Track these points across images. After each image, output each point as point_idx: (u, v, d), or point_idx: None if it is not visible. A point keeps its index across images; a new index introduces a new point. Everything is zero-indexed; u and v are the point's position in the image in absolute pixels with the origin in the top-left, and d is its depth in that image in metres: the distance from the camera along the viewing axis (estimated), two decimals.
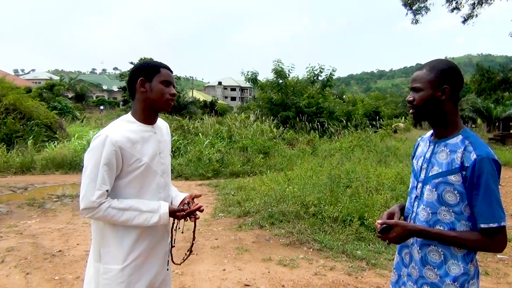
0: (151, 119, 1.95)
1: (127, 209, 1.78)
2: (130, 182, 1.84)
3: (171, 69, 1.97)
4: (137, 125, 1.91)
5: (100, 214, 1.76)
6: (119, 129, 1.84)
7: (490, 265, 4.62)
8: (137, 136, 1.87)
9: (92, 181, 1.75)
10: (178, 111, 30.14)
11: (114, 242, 1.84)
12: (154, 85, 1.88)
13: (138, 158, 1.84)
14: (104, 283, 1.84)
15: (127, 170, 1.83)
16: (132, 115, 1.94)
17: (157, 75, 1.88)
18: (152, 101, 1.89)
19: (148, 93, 1.88)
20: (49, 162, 11.24)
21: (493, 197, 1.51)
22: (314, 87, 22.46)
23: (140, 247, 1.86)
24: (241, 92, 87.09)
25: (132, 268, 1.84)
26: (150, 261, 1.91)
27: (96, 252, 1.88)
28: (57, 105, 27.03)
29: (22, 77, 69.68)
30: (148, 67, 1.90)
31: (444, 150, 1.65)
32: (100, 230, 1.87)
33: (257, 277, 4.09)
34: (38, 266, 4.35)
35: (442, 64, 1.66)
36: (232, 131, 15.33)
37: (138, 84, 1.88)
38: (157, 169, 1.92)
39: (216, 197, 8.18)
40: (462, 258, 1.60)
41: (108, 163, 1.75)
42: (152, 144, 1.92)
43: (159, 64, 1.93)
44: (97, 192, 1.74)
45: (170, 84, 1.92)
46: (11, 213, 6.75)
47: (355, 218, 5.42)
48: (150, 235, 1.90)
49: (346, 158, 10.90)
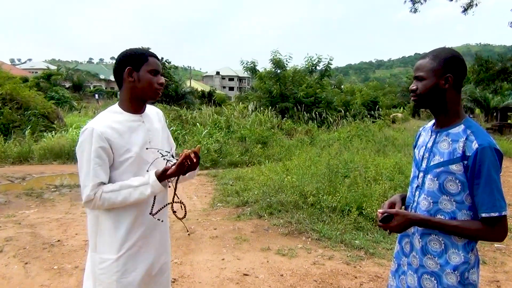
0: (138, 108, 1.92)
1: (118, 189, 1.77)
2: (122, 172, 1.83)
3: (158, 57, 1.92)
4: (125, 115, 1.88)
5: (99, 203, 1.76)
6: (105, 121, 1.82)
7: (487, 254, 4.64)
8: (124, 126, 1.85)
9: (86, 175, 1.76)
10: (176, 101, 30.06)
11: (109, 231, 1.83)
12: (142, 75, 1.84)
13: (127, 149, 1.82)
14: (99, 272, 1.84)
15: (118, 160, 1.81)
16: (119, 105, 1.91)
17: (145, 64, 1.84)
18: (140, 91, 1.86)
19: (136, 83, 1.85)
20: (47, 152, 11.20)
21: (494, 187, 1.51)
22: (312, 77, 22.40)
23: (135, 236, 1.85)
24: (239, 82, 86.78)
25: (127, 258, 1.84)
26: (146, 250, 1.90)
27: (92, 242, 1.88)
28: (55, 95, 26.93)
29: (19, 66, 69.16)
30: (136, 56, 1.85)
31: (446, 140, 1.64)
32: (95, 220, 1.87)
33: (256, 267, 4.11)
34: (37, 255, 4.35)
35: (446, 52, 1.65)
36: (230, 121, 15.30)
37: (126, 73, 1.84)
38: (147, 158, 1.89)
39: (215, 187, 8.18)
40: (462, 247, 1.60)
41: (98, 155, 1.75)
42: (141, 133, 1.89)
43: (147, 52, 1.88)
44: (91, 185, 1.74)
45: (158, 73, 1.88)
46: (9, 203, 6.73)
47: (354, 208, 5.43)
48: (144, 224, 1.89)
49: (344, 148, 10.91)
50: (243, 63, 22.32)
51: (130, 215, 1.84)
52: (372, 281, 3.80)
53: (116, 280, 1.82)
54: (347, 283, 3.76)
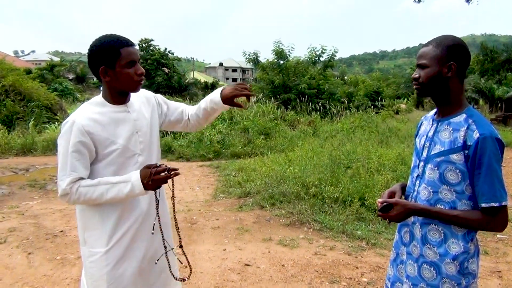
0: (122, 99, 1.85)
1: (96, 184, 1.72)
2: (107, 164, 1.78)
3: (131, 42, 1.77)
4: (108, 107, 1.81)
5: (74, 197, 1.72)
6: (87, 113, 1.75)
7: (489, 244, 4.63)
8: (108, 118, 1.78)
9: (62, 168, 1.71)
10: (179, 93, 30.05)
11: (96, 225, 1.80)
12: (119, 71, 1.72)
13: (112, 141, 1.76)
14: (89, 266, 1.82)
15: (102, 153, 1.76)
16: (103, 96, 1.83)
17: (119, 60, 1.71)
18: (120, 86, 1.78)
19: (113, 81, 1.75)
20: (50, 143, 11.22)
21: (495, 177, 1.49)
22: (316, 68, 22.27)
23: (123, 228, 1.81)
24: (242, 73, 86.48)
25: (116, 250, 1.80)
26: (136, 241, 1.85)
27: (81, 235, 1.85)
28: (58, 87, 26.93)
29: (22, 58, 69.17)
30: (106, 51, 1.71)
31: (447, 129, 1.62)
32: (82, 214, 1.84)
33: (258, 257, 4.12)
34: (40, 246, 4.38)
35: (449, 40, 1.61)
36: (233, 112, 15.27)
37: (101, 73, 1.73)
38: (135, 149, 1.84)
39: (217, 178, 8.20)
40: (462, 237, 1.59)
41: (77, 149, 1.69)
42: (127, 124, 1.82)
43: (118, 43, 1.72)
44: (67, 179, 1.70)
45: (134, 63, 1.75)
46: (13, 194, 6.78)
47: (356, 198, 5.42)
48: (132, 216, 1.84)
49: (347, 139, 10.87)
50: (246, 54, 22.22)
51: (118, 208, 1.80)
52: (373, 271, 3.80)
53: (107, 273, 1.79)
54: (348, 273, 3.76)
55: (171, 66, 34.80)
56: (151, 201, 1.89)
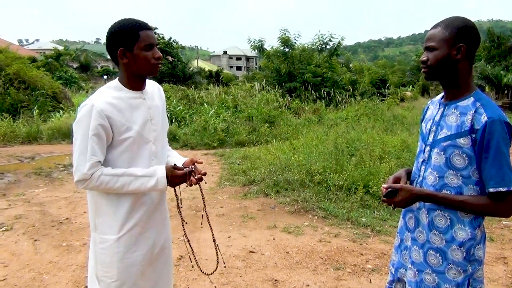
0: (139, 85, 1.84)
1: (120, 175, 1.72)
2: (122, 151, 1.77)
3: (150, 26, 1.78)
4: (125, 92, 1.80)
5: (94, 184, 1.70)
6: (105, 97, 1.74)
7: (495, 231, 4.61)
8: (125, 103, 1.77)
9: (82, 153, 1.69)
10: (183, 81, 29.91)
11: (108, 212, 1.79)
12: (136, 53, 1.72)
13: (128, 126, 1.75)
14: (100, 252, 1.82)
15: (118, 139, 1.75)
16: (119, 81, 1.82)
17: (137, 42, 1.71)
18: (137, 69, 1.77)
19: (131, 63, 1.75)
20: (55, 132, 11.28)
21: (503, 161, 1.46)
22: (321, 56, 22.11)
23: (135, 216, 1.81)
24: (246, 61, 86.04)
25: (127, 238, 1.80)
26: (147, 230, 1.86)
27: (92, 221, 1.85)
28: (63, 76, 26.93)
29: (26, 47, 68.99)
30: (125, 33, 1.71)
31: (454, 113, 1.58)
32: (94, 200, 1.83)
33: (262, 244, 4.12)
34: (46, 233, 4.41)
35: (458, 21, 1.56)
36: (238, 101, 15.23)
37: (119, 55, 1.73)
38: (148, 137, 1.83)
39: (222, 166, 8.20)
40: (469, 223, 1.56)
41: (97, 133, 1.67)
42: (142, 111, 1.82)
43: (137, 26, 1.73)
44: (88, 163, 1.68)
45: (152, 46, 1.76)
46: (19, 182, 6.82)
47: (360, 186, 5.41)
48: (145, 204, 1.84)
49: (352, 127, 10.82)
50: (251, 41, 22.08)
51: (130, 197, 1.80)
52: (378, 258, 3.79)
53: (117, 260, 1.79)
54: (353, 260, 3.76)
55: (176, 55, 34.58)
56: (162, 192, 1.92)
